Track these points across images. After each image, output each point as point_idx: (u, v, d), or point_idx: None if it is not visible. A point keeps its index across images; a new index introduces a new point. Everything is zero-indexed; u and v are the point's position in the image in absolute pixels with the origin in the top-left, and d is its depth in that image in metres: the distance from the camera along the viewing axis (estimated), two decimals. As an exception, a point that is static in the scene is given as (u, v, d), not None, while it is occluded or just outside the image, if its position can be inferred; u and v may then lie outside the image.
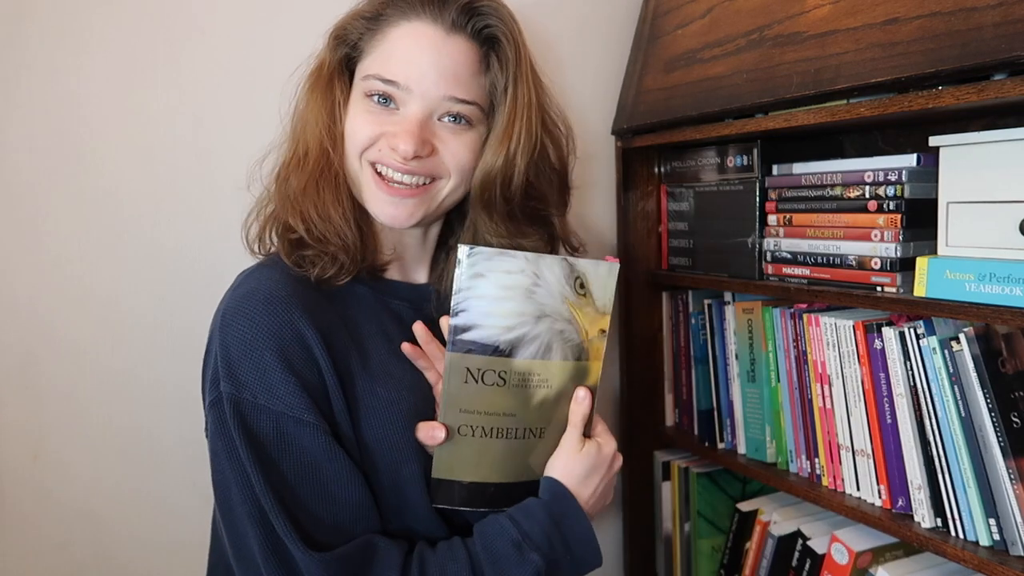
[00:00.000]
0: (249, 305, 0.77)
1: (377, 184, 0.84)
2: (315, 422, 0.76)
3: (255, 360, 0.75)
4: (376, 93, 0.82)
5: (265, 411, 0.75)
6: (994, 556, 0.85)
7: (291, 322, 0.77)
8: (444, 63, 0.81)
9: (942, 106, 0.82)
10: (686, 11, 1.23)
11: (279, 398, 0.75)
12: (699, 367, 1.29)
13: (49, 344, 1.03)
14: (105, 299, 1.06)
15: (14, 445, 1.03)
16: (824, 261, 1.05)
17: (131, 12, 1.04)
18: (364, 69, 0.84)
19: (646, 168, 1.36)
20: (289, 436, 0.75)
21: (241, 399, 0.75)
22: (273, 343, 0.76)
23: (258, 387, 0.75)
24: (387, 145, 0.82)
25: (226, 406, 0.75)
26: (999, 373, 0.86)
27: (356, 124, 0.84)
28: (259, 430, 0.75)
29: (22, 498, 1.03)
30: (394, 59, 0.82)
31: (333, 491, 0.76)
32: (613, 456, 0.86)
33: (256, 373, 0.75)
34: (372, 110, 0.83)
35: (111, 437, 1.08)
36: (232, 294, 0.80)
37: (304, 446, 0.75)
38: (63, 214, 1.03)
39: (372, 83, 0.82)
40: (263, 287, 0.79)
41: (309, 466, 0.75)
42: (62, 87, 1.01)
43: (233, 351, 0.76)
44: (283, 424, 0.75)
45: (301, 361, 0.77)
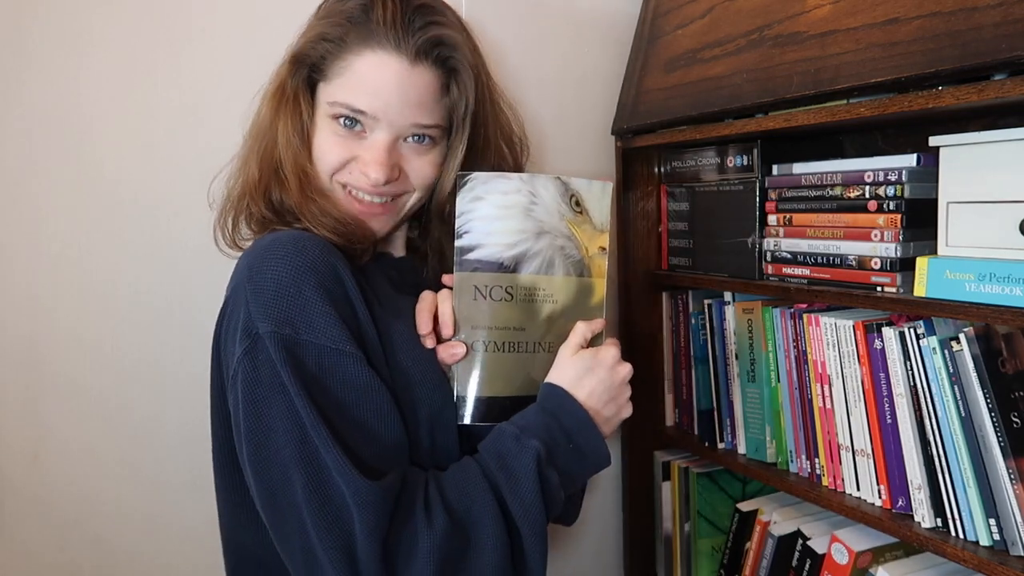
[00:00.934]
0: (279, 247, 0.78)
1: (348, 202, 0.87)
2: (356, 352, 0.76)
3: (292, 295, 0.76)
4: (343, 116, 0.84)
5: (308, 345, 0.75)
6: (994, 556, 0.85)
7: (324, 257, 0.79)
8: (410, 94, 0.84)
9: (942, 106, 0.82)
10: (686, 11, 1.23)
11: (319, 330, 0.75)
12: (699, 367, 1.29)
13: (49, 344, 1.03)
14: (105, 298, 1.06)
15: (14, 445, 1.03)
16: (824, 261, 1.05)
17: (131, 11, 1.04)
18: (330, 94, 0.85)
19: (646, 168, 1.36)
20: (332, 368, 0.76)
21: (282, 335, 0.74)
22: (310, 276, 0.77)
23: (298, 321, 0.75)
24: (357, 170, 0.85)
25: (268, 344, 0.74)
26: (999, 373, 0.86)
27: (325, 147, 0.86)
28: (304, 363, 0.75)
29: (22, 498, 1.03)
30: (361, 90, 0.83)
31: (374, 426, 0.77)
32: (614, 361, 0.85)
33: (294, 308, 0.76)
34: (339, 132, 0.85)
35: (111, 437, 1.08)
36: (257, 246, 0.81)
37: (347, 378, 0.76)
38: (64, 214, 1.03)
39: (339, 110, 0.84)
40: (288, 234, 0.81)
41: (353, 399, 0.76)
42: (62, 86, 1.01)
43: (268, 291, 0.76)
44: (325, 357, 0.75)
45: (338, 294, 0.79)
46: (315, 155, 0.87)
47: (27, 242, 1.02)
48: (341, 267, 0.80)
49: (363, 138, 0.85)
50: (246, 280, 0.78)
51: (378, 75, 0.83)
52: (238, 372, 0.76)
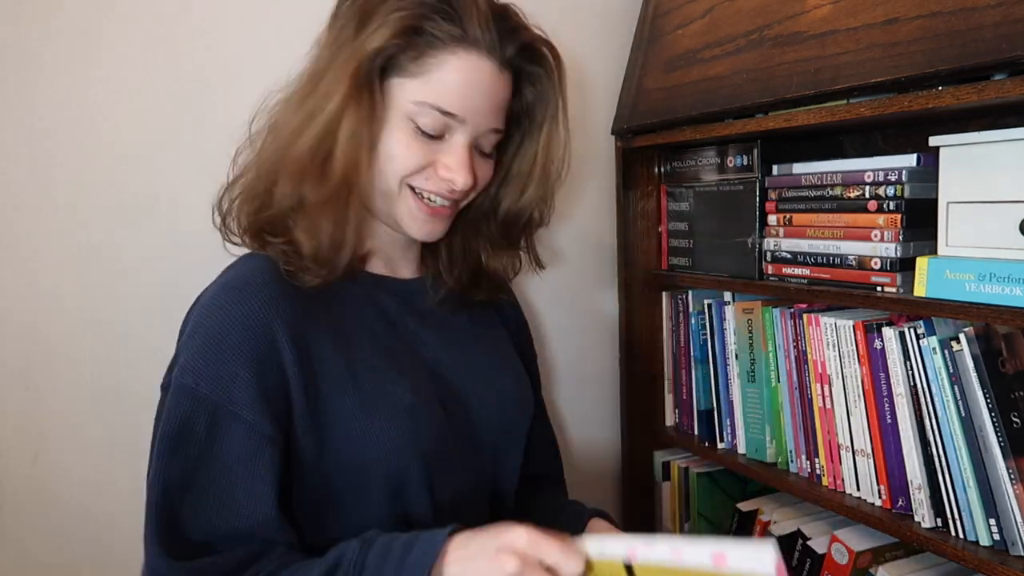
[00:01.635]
0: (224, 293, 0.77)
1: (419, 207, 0.84)
2: (252, 420, 0.74)
3: (215, 349, 0.75)
4: (429, 128, 0.81)
5: (204, 400, 0.74)
6: (994, 556, 0.85)
7: (261, 315, 0.76)
8: (496, 99, 0.83)
9: (942, 106, 0.82)
10: (686, 11, 1.23)
11: (223, 388, 0.74)
12: (699, 367, 1.29)
13: (50, 344, 1.03)
14: (105, 299, 1.06)
15: (14, 446, 1.03)
16: (824, 261, 1.05)
17: (137, 9, 1.04)
18: (415, 93, 0.80)
19: (646, 168, 1.36)
20: (218, 429, 0.74)
21: (184, 384, 0.75)
22: (238, 333, 0.75)
23: (206, 374, 0.74)
24: (436, 175, 0.83)
25: (171, 388, 0.75)
26: (999, 373, 0.86)
27: (401, 149, 0.81)
28: (192, 419, 0.74)
29: (22, 499, 1.03)
30: (454, 92, 0.80)
31: (239, 497, 0.74)
32: None
33: (209, 361, 0.74)
34: (419, 137, 0.82)
35: (111, 438, 1.08)
36: (215, 282, 0.81)
37: (232, 443, 0.74)
38: (63, 215, 1.03)
39: (428, 113, 0.80)
40: (240, 276, 0.79)
41: (225, 466, 0.74)
42: (67, 84, 1.01)
43: (197, 337, 0.76)
44: (218, 414, 0.74)
45: (263, 357, 0.76)
46: (384, 156, 0.82)
47: (29, 242, 1.02)
48: (277, 321, 0.76)
49: (442, 141, 0.83)
50: (193, 319, 0.78)
51: (472, 77, 0.80)
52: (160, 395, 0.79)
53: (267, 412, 0.75)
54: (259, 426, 0.75)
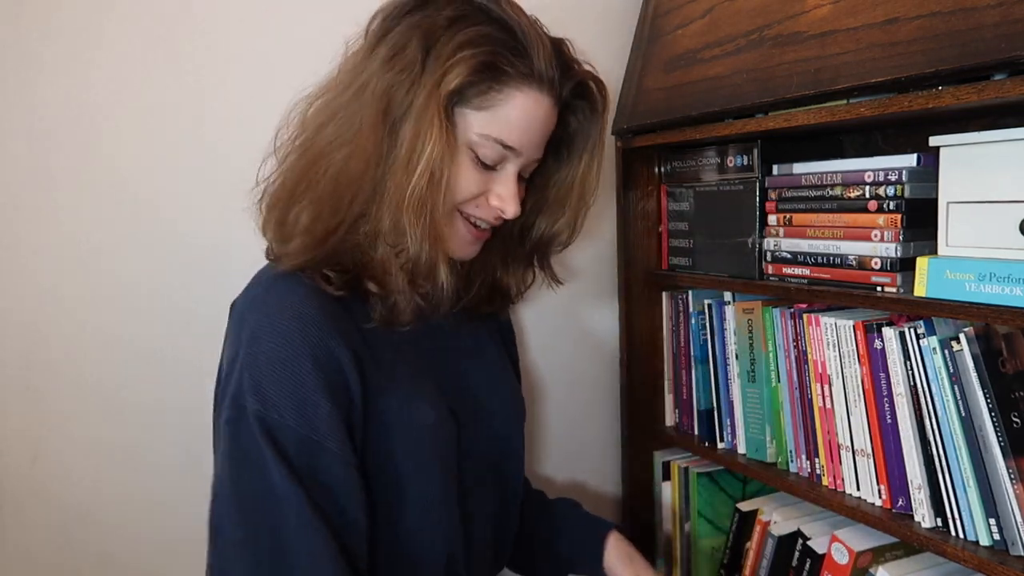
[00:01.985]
0: (282, 321, 0.76)
1: (467, 231, 0.87)
2: (337, 450, 0.76)
3: (289, 380, 0.74)
4: (488, 160, 0.83)
5: (289, 431, 0.74)
6: (994, 556, 0.85)
7: (325, 341, 0.76)
8: (546, 130, 0.86)
9: (942, 106, 0.82)
10: (686, 11, 1.23)
11: (307, 421, 0.74)
12: (699, 367, 1.29)
13: (50, 344, 1.03)
14: (108, 298, 1.06)
15: (13, 447, 1.03)
16: (824, 261, 1.05)
17: (138, 9, 1.04)
18: (480, 126, 0.81)
19: (646, 168, 1.36)
20: (310, 458, 0.75)
21: (268, 417, 0.74)
22: (309, 363, 0.75)
23: (287, 407, 0.74)
24: (487, 203, 0.86)
25: (253, 422, 0.73)
26: (999, 373, 0.86)
27: (461, 180, 0.83)
28: (285, 447, 0.74)
29: (21, 500, 1.03)
30: (515, 127, 0.82)
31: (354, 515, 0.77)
32: None
33: (287, 393, 0.74)
34: (477, 168, 0.84)
35: (110, 439, 1.08)
36: (260, 308, 0.78)
37: (323, 471, 0.75)
38: (64, 215, 1.03)
39: (490, 146, 0.82)
40: (293, 302, 0.77)
41: (325, 489, 0.75)
42: (69, 84, 1.02)
43: (264, 368, 0.74)
44: (304, 445, 0.74)
45: (335, 384, 0.77)
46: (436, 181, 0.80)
47: (30, 242, 1.02)
48: (338, 346, 0.77)
49: (495, 171, 0.85)
50: (246, 345, 0.76)
51: (534, 114, 0.83)
52: (221, 437, 0.76)
53: (346, 438, 0.77)
54: (344, 455, 0.76)
